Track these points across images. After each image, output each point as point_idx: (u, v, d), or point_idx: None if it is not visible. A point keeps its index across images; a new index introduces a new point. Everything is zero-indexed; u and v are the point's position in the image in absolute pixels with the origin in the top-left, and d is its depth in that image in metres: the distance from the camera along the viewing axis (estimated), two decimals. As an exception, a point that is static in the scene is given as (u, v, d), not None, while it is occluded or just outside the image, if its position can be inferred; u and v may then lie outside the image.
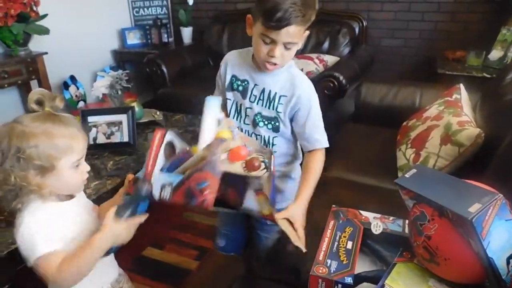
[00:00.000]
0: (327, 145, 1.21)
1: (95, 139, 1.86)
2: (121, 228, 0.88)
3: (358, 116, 2.13)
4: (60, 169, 0.86)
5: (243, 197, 0.96)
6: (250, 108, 1.23)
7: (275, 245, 1.32)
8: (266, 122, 1.24)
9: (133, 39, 3.78)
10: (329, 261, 1.05)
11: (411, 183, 0.98)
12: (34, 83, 2.91)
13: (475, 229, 0.79)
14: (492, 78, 2.40)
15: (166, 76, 3.13)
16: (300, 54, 3.05)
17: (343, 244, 1.11)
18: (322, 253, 1.07)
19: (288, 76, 1.19)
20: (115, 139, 1.86)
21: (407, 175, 1.02)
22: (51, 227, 0.87)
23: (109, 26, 3.71)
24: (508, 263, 0.83)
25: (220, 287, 1.74)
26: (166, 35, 3.77)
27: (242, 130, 1.25)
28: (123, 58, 3.73)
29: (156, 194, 0.91)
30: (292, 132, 1.26)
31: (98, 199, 1.51)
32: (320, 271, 1.01)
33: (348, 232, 1.15)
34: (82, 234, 0.93)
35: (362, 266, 1.09)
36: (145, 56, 3.41)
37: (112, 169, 1.71)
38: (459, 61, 2.72)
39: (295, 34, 1.04)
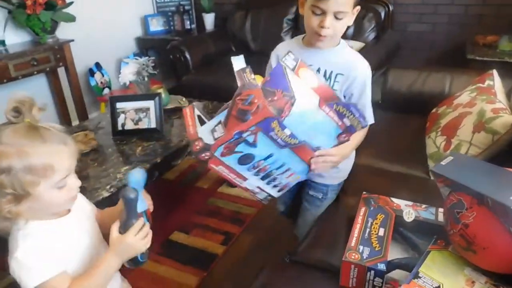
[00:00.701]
0: (373, 121, 1.27)
1: (123, 125, 1.88)
2: (126, 244, 0.83)
3: (385, 104, 2.09)
4: (38, 194, 0.76)
5: None
6: None
7: (313, 226, 1.34)
8: None
9: (156, 26, 3.79)
10: (361, 247, 1.05)
11: (448, 171, 0.97)
12: (61, 71, 2.97)
13: (517, 218, 0.78)
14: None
15: (190, 63, 3.14)
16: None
17: (375, 231, 1.10)
18: (354, 239, 1.08)
19: (344, 56, 1.22)
20: (143, 125, 1.88)
21: (443, 163, 1.00)
22: (49, 250, 0.80)
23: (132, 13, 3.72)
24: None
25: (247, 271, 1.76)
26: (188, 22, 3.76)
27: None
28: (146, 45, 3.75)
29: (210, 141, 0.97)
30: None
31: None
32: (353, 257, 1.01)
33: (379, 219, 1.15)
34: (86, 247, 0.90)
35: (394, 253, 1.09)
36: (168, 43, 3.42)
37: (141, 154, 1.73)
38: (490, 46, 2.63)
39: (344, 2, 1.07)
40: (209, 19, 3.77)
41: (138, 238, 0.84)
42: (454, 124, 1.59)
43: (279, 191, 1.20)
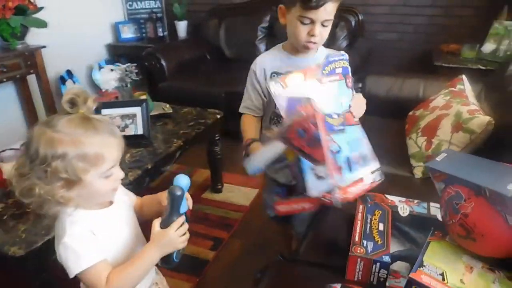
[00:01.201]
0: None
1: (109, 132, 1.85)
2: (167, 238, 0.87)
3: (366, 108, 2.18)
4: (88, 181, 0.81)
5: None
6: None
7: (310, 225, 1.38)
8: None
9: (127, 33, 3.75)
10: (365, 242, 1.10)
11: (444, 166, 1.04)
12: (30, 78, 2.87)
13: (514, 205, 0.85)
14: (487, 69, 2.51)
15: (166, 70, 3.12)
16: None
17: (375, 226, 1.16)
18: (357, 234, 1.13)
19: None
20: (130, 131, 1.86)
21: (438, 159, 1.08)
22: (94, 237, 0.84)
23: (102, 19, 3.66)
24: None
25: (239, 274, 1.78)
26: (161, 29, 3.75)
27: None
28: (117, 52, 3.70)
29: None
30: None
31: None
32: (358, 251, 1.06)
33: (377, 215, 1.21)
34: (125, 237, 0.93)
35: (393, 246, 1.14)
36: (140, 50, 3.39)
37: (131, 161, 1.71)
38: (453, 54, 2.82)
39: (331, 11, 1.13)
40: (181, 27, 3.77)
41: (178, 234, 0.88)
42: (434, 125, 1.69)
43: None
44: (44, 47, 2.76)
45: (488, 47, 2.68)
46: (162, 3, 3.85)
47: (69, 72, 3.22)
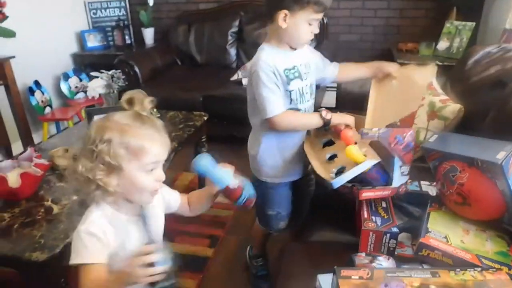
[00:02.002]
0: None
1: (102, 138, 1.87)
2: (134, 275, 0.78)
3: (342, 105, 2.35)
4: (128, 170, 0.85)
5: None
6: (307, 84, 1.42)
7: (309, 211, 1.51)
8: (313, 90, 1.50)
9: (94, 41, 3.70)
10: (373, 217, 1.23)
11: (438, 146, 1.20)
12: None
13: (503, 171, 1.01)
14: (444, 65, 2.77)
15: (139, 76, 3.13)
16: (270, 50, 3.23)
17: (379, 204, 1.30)
18: (366, 212, 1.25)
19: (305, 48, 1.46)
20: (123, 136, 1.88)
21: (431, 140, 1.24)
22: (109, 241, 0.86)
23: (67, 29, 3.59)
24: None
25: (239, 268, 1.86)
26: (127, 37, 3.74)
27: (305, 110, 1.46)
28: (84, 61, 3.64)
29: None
30: None
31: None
32: (370, 226, 1.19)
33: (379, 195, 1.35)
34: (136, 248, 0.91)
35: (395, 220, 1.29)
36: (108, 58, 3.39)
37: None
38: (412, 52, 3.07)
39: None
40: (148, 34, 3.78)
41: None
42: (411, 115, 1.87)
43: None
44: (13, 57, 2.68)
45: (443, 45, 2.96)
46: (127, 11, 3.84)
47: (37, 83, 3.13)
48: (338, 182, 1.20)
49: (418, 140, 1.82)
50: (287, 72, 1.35)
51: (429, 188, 1.41)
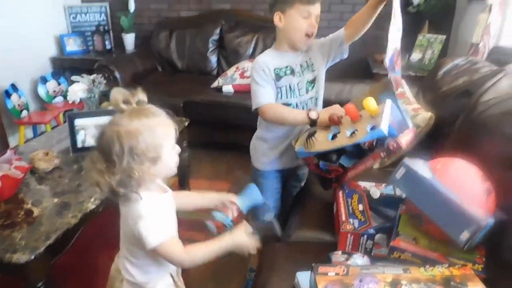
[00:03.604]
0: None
1: (83, 141, 1.87)
2: (244, 242, 1.06)
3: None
4: (164, 155, 0.97)
5: None
6: (301, 80, 1.53)
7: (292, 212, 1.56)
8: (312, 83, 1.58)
9: (73, 45, 3.67)
10: (351, 220, 1.29)
11: (404, 187, 1.18)
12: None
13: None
14: (416, 75, 2.89)
15: (120, 82, 3.13)
16: (251, 58, 3.29)
17: (356, 207, 1.36)
18: (344, 214, 1.31)
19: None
20: (105, 140, 1.89)
21: (397, 176, 1.18)
22: (165, 217, 1.02)
23: (46, 32, 3.55)
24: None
25: (222, 270, 1.89)
26: (107, 42, 3.73)
27: (299, 104, 1.55)
28: (63, 65, 3.60)
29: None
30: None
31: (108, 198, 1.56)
32: (348, 227, 1.25)
33: (355, 198, 1.41)
34: (175, 221, 1.10)
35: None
36: (88, 62, 3.38)
37: (112, 168, 1.75)
38: (387, 63, 3.19)
39: (319, 8, 1.43)
40: (129, 39, 3.77)
41: (252, 244, 1.07)
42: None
43: None
44: (-11, 60, 2.64)
45: (415, 56, 3.09)
46: (108, 16, 3.83)
47: (13, 86, 3.08)
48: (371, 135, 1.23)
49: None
50: (277, 71, 1.48)
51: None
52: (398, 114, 1.34)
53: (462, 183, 1.12)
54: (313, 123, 1.42)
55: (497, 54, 2.13)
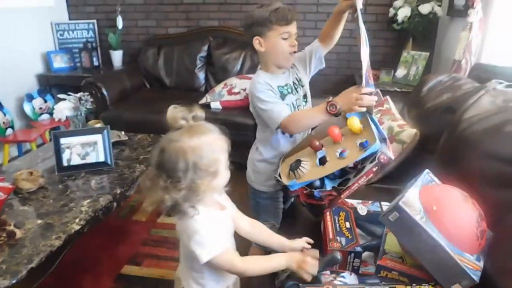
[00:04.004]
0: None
1: (69, 160, 1.85)
2: (300, 263, 1.07)
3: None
4: (220, 170, 1.01)
5: None
6: (299, 97, 1.57)
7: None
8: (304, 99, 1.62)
9: (60, 62, 3.66)
10: (338, 237, 1.29)
11: (396, 230, 1.12)
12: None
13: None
14: (402, 91, 2.94)
15: (107, 99, 3.12)
16: (239, 74, 3.31)
17: (343, 225, 1.36)
18: (331, 232, 1.31)
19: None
20: (91, 159, 1.87)
21: (390, 218, 1.08)
22: (219, 232, 1.03)
23: (32, 49, 3.54)
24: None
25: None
26: (95, 59, 3.73)
27: None
28: (50, 82, 3.58)
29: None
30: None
31: (94, 217, 1.54)
32: (335, 246, 1.24)
33: (342, 216, 1.41)
34: (230, 240, 1.12)
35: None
36: (75, 79, 3.37)
37: (98, 187, 1.73)
38: (373, 79, 3.23)
39: (296, 26, 1.45)
40: (117, 56, 3.78)
41: (308, 270, 1.07)
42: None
43: None
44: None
45: (400, 72, 3.15)
46: (96, 33, 3.83)
47: (-2, 104, 3.05)
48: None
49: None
50: (281, 89, 1.49)
51: (390, 208, 1.49)
52: (376, 127, 1.36)
53: (458, 230, 1.06)
54: (336, 114, 1.37)
55: (478, 71, 2.18)
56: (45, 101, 3.41)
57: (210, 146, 0.98)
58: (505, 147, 1.21)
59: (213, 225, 1.01)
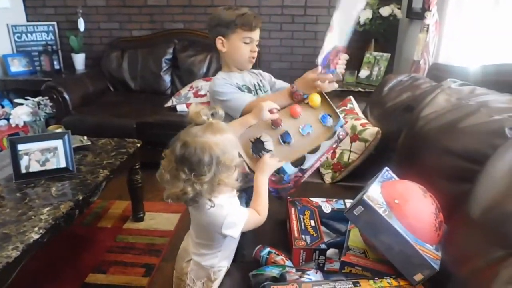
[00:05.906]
0: None
1: (27, 167, 1.77)
2: (265, 163, 1.25)
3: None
4: (237, 166, 1.11)
5: None
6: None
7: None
8: None
9: (18, 66, 3.51)
10: (303, 236, 1.30)
11: (361, 224, 1.12)
12: None
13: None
14: (365, 91, 3.01)
15: (69, 103, 3.02)
16: (205, 77, 3.30)
17: (308, 223, 1.38)
18: (296, 231, 1.32)
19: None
20: (51, 165, 1.80)
21: (355, 212, 1.09)
22: (234, 206, 1.16)
23: (-13, 52, 3.38)
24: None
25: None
26: (56, 62, 3.61)
27: None
28: (7, 87, 3.43)
29: None
30: None
31: (55, 226, 1.49)
32: (300, 244, 1.26)
33: (307, 214, 1.43)
34: None
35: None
36: (35, 84, 3.26)
37: (58, 194, 1.67)
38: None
39: (259, 34, 1.47)
40: (79, 59, 3.67)
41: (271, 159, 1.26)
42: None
43: None
44: None
45: (363, 73, 3.23)
46: (56, 36, 3.71)
47: (-48, 110, 2.90)
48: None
49: (342, 161, 1.96)
50: (239, 86, 1.48)
51: (353, 206, 1.52)
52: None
53: (418, 222, 1.09)
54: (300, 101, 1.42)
55: (435, 70, 2.26)
56: (2, 107, 3.27)
57: (230, 143, 1.08)
58: (458, 142, 1.26)
59: (231, 205, 1.14)
